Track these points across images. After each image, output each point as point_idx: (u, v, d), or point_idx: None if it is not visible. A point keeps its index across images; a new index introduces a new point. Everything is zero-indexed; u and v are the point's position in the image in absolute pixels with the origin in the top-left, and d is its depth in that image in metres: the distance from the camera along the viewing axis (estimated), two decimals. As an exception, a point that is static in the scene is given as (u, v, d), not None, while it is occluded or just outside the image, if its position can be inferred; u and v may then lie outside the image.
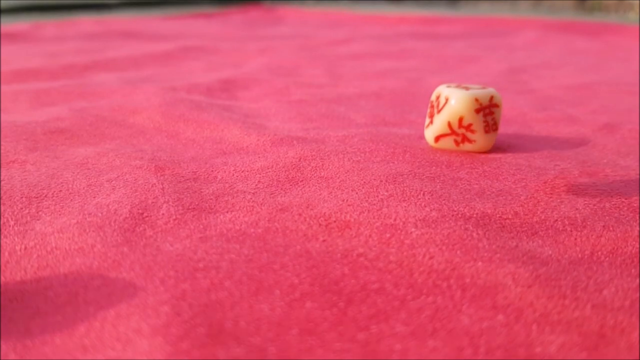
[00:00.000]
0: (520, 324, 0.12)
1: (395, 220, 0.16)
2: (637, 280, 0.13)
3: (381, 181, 0.19)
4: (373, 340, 0.12)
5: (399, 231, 0.16)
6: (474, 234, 0.16)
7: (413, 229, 0.16)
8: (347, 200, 0.18)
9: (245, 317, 0.12)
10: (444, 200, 0.18)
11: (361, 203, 0.18)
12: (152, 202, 0.18)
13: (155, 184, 0.19)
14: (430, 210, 0.17)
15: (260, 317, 0.12)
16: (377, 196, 0.18)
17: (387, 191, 0.19)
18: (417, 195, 0.18)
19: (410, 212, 0.17)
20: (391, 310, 0.13)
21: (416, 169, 0.21)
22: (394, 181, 0.20)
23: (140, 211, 0.17)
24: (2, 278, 0.14)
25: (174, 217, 0.17)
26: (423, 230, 0.16)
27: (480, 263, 0.14)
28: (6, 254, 0.15)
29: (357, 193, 0.18)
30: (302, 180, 0.20)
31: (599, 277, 0.14)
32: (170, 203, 0.18)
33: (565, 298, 0.13)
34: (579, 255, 0.15)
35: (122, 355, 0.11)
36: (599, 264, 0.14)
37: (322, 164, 0.21)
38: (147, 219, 0.17)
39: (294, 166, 0.21)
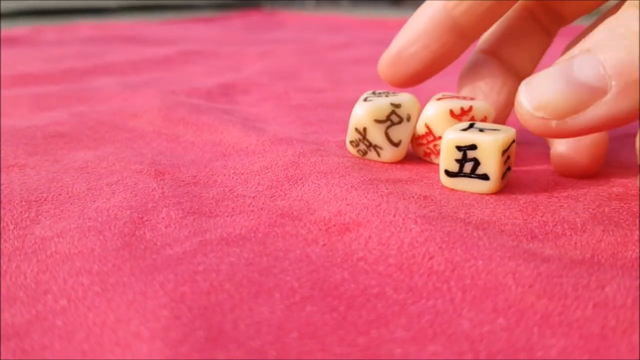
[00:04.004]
0: (521, 328, 0.12)
1: (394, 216, 0.16)
2: (638, 281, 0.13)
3: (380, 181, 0.19)
4: (373, 344, 0.12)
5: (398, 229, 0.16)
6: (474, 234, 0.15)
7: (413, 226, 0.16)
8: (346, 199, 0.18)
9: (245, 320, 0.12)
10: (443, 203, 0.18)
11: (360, 200, 0.17)
12: (152, 206, 0.18)
13: (155, 188, 0.19)
14: (430, 210, 0.17)
15: (260, 320, 0.12)
16: (377, 192, 0.18)
17: (387, 189, 0.19)
18: (417, 198, 0.18)
19: (410, 208, 0.17)
20: (391, 315, 0.13)
21: (414, 175, 0.21)
22: (394, 182, 0.19)
23: (140, 215, 0.17)
24: (2, 282, 0.14)
25: (174, 220, 0.17)
26: (423, 227, 0.16)
27: (480, 262, 0.14)
28: (6, 258, 0.15)
29: (356, 190, 0.18)
30: (301, 178, 0.20)
31: (601, 275, 0.14)
32: (170, 207, 0.18)
33: (566, 297, 0.13)
34: (580, 258, 0.15)
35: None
36: (600, 265, 0.14)
37: (322, 160, 0.21)
38: (147, 222, 0.17)
39: (292, 163, 0.21)
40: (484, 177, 0.19)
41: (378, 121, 0.21)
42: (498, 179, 0.19)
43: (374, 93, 0.22)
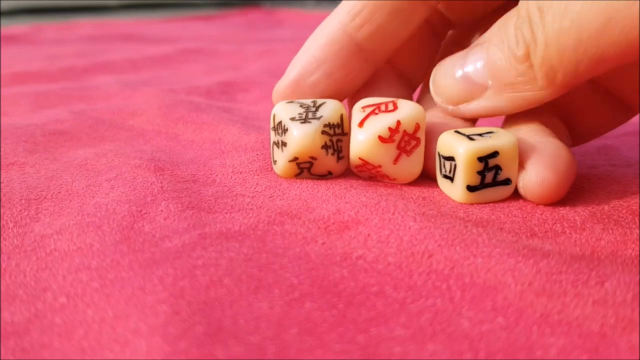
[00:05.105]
0: (521, 327, 0.12)
1: (393, 214, 0.16)
2: (638, 277, 0.13)
3: (379, 185, 0.19)
4: (373, 342, 0.12)
5: (397, 226, 0.16)
6: (473, 230, 0.15)
7: (412, 223, 0.16)
8: (345, 197, 0.18)
9: (245, 315, 0.12)
10: (443, 203, 0.18)
11: (359, 198, 0.17)
12: (151, 200, 0.18)
13: (154, 182, 0.19)
14: (429, 209, 0.17)
15: (259, 315, 0.12)
16: (376, 192, 0.18)
17: (385, 190, 0.19)
18: (416, 199, 0.18)
19: (410, 206, 0.17)
20: (391, 313, 0.13)
21: (414, 180, 0.21)
22: (392, 186, 0.20)
23: (138, 208, 0.17)
24: (2, 280, 0.14)
25: (173, 213, 0.17)
26: (422, 224, 0.16)
27: (480, 259, 0.14)
28: (5, 256, 0.15)
29: (355, 189, 0.18)
30: (299, 178, 0.20)
31: (601, 270, 0.14)
32: (169, 201, 0.18)
33: (566, 295, 0.13)
34: (579, 255, 0.15)
35: (120, 357, 0.11)
36: (600, 261, 0.14)
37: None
38: (145, 215, 0.17)
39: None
40: (506, 182, 0.18)
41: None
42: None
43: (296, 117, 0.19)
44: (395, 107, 0.19)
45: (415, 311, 0.13)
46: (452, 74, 0.19)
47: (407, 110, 0.18)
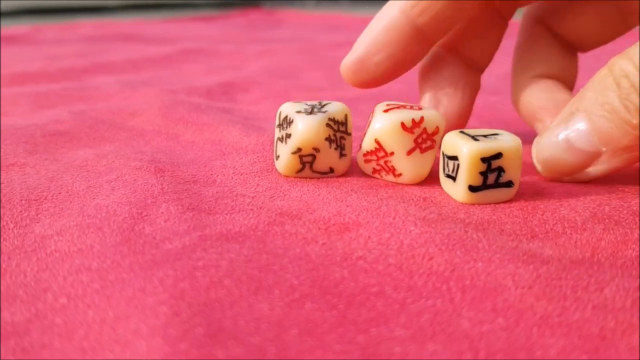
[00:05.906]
0: (521, 327, 0.12)
1: (394, 218, 0.16)
2: (638, 281, 0.13)
3: (380, 186, 0.19)
4: (373, 342, 0.12)
5: (398, 230, 0.16)
6: (474, 235, 0.16)
7: (412, 228, 0.16)
8: (346, 201, 0.18)
9: (245, 317, 0.12)
10: (444, 204, 0.18)
11: (360, 202, 0.18)
12: (152, 202, 0.18)
13: (154, 184, 0.19)
14: (430, 212, 0.17)
15: (259, 316, 0.12)
16: (377, 195, 0.18)
17: (386, 192, 0.19)
18: (417, 200, 0.18)
19: (410, 211, 0.17)
20: (391, 314, 0.13)
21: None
22: (393, 186, 0.20)
23: (139, 210, 0.17)
24: (2, 281, 0.14)
25: (173, 215, 0.17)
26: (423, 229, 0.16)
27: (480, 264, 0.14)
28: (6, 256, 0.15)
29: (356, 193, 0.18)
30: (300, 180, 0.20)
31: (600, 276, 0.14)
32: (170, 202, 0.18)
33: (565, 299, 0.13)
34: (580, 257, 0.15)
35: (120, 357, 0.11)
36: (600, 264, 0.14)
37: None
38: (146, 217, 0.17)
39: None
40: (509, 184, 0.18)
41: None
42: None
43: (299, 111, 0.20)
44: (420, 109, 0.19)
45: (415, 311, 0.13)
46: (559, 148, 0.19)
47: (431, 112, 0.19)
